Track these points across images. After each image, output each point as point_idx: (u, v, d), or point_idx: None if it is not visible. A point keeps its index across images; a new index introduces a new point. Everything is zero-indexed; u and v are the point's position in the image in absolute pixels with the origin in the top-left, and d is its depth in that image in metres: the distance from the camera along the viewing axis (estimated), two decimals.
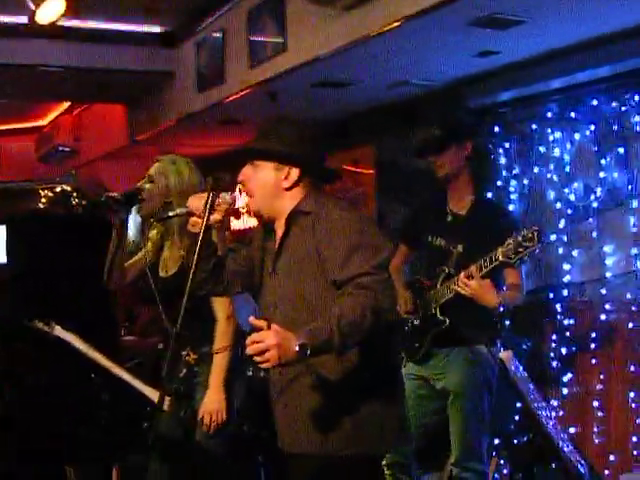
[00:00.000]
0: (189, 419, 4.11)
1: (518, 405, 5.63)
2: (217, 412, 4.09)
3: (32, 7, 5.36)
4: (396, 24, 4.85)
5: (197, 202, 3.29)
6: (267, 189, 3.20)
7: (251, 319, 2.87)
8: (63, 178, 10.53)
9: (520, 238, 4.17)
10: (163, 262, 4.34)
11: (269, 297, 3.28)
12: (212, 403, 4.09)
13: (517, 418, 5.78)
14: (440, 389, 4.65)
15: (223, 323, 4.15)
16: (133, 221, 4.39)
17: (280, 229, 3.25)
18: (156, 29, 7.18)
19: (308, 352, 2.78)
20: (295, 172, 3.19)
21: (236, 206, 3.36)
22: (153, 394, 3.72)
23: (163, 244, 4.35)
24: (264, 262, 3.33)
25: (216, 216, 3.27)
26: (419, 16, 4.68)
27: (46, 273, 6.71)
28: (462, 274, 4.35)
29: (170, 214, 3.48)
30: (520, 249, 4.17)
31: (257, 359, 2.76)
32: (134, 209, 4.14)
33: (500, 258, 4.23)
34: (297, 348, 2.76)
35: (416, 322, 4.71)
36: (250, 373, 5.52)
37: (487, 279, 4.32)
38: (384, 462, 4.21)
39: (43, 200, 9.94)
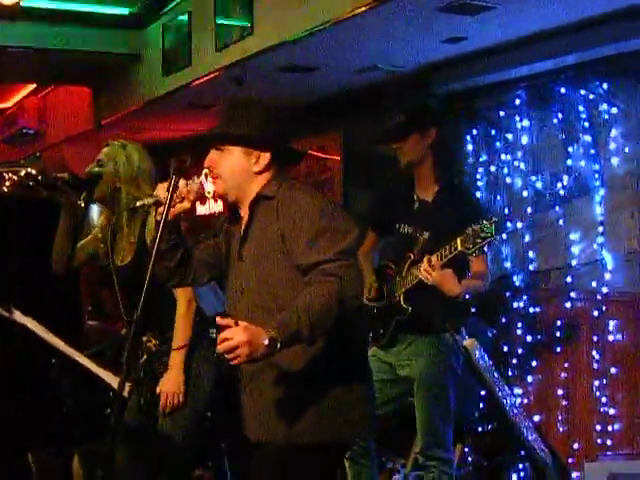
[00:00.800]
0: (151, 405, 4.06)
1: (482, 393, 5.64)
2: (173, 393, 4.04)
3: None
4: (364, 8, 4.81)
5: (164, 192, 3.21)
6: (236, 174, 3.16)
7: (218, 319, 2.85)
8: (28, 161, 10.42)
9: (478, 228, 4.16)
10: (117, 251, 4.25)
11: (236, 283, 3.24)
12: (169, 383, 4.04)
13: (481, 406, 5.79)
14: (404, 376, 4.63)
15: (183, 306, 4.09)
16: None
17: (245, 214, 3.21)
18: (122, 10, 7.10)
19: (278, 346, 2.78)
20: (265, 156, 3.15)
21: (203, 192, 3.30)
22: (113, 380, 3.68)
23: (115, 232, 4.27)
24: (230, 248, 3.30)
25: (185, 204, 3.23)
26: (388, 0, 4.64)
27: (5, 256, 6.63)
28: (424, 262, 4.34)
29: (137, 204, 3.41)
30: (478, 240, 4.16)
31: (228, 356, 2.75)
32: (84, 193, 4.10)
33: (459, 248, 4.22)
34: (266, 342, 2.75)
35: (380, 308, 4.68)
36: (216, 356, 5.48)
37: (448, 268, 4.31)
38: None
39: (7, 183, 9.83)
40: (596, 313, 5.44)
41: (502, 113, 5.97)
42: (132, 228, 4.14)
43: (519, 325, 5.82)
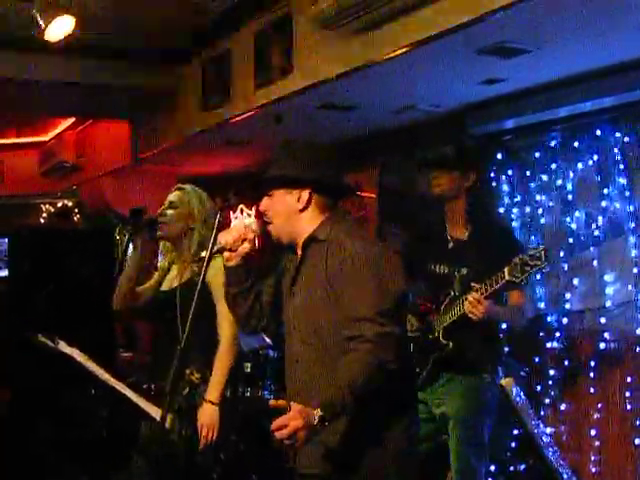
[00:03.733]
0: (190, 437, 4.10)
1: (515, 432, 5.64)
2: (212, 426, 4.09)
3: (42, 24, 5.38)
4: (404, 50, 4.88)
5: (227, 237, 3.33)
6: (283, 215, 3.26)
7: (271, 402, 2.96)
8: (65, 193, 10.57)
9: (526, 257, 4.17)
10: (167, 280, 4.45)
11: (289, 317, 3.33)
12: (206, 416, 4.10)
13: (513, 445, 5.78)
14: (439, 414, 4.64)
15: (228, 342, 4.18)
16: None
17: (299, 251, 3.30)
18: (163, 48, 7.20)
19: (326, 423, 2.88)
20: (305, 193, 3.23)
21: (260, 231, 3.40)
22: (155, 412, 3.73)
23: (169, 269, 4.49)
24: (285, 283, 3.39)
25: (247, 245, 3.34)
26: (427, 42, 4.72)
27: (47, 287, 6.72)
28: (469, 296, 4.34)
29: (202, 254, 3.48)
30: (527, 267, 4.16)
31: (287, 442, 2.84)
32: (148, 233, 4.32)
33: (507, 277, 4.22)
34: (316, 421, 2.85)
35: (416, 346, 4.70)
36: (248, 394, 5.55)
37: (489, 300, 4.32)
38: None
39: (45, 215, 9.98)
40: (630, 354, 5.43)
41: (537, 154, 5.99)
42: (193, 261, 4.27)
43: (552, 365, 5.82)
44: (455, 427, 4.55)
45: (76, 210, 10.06)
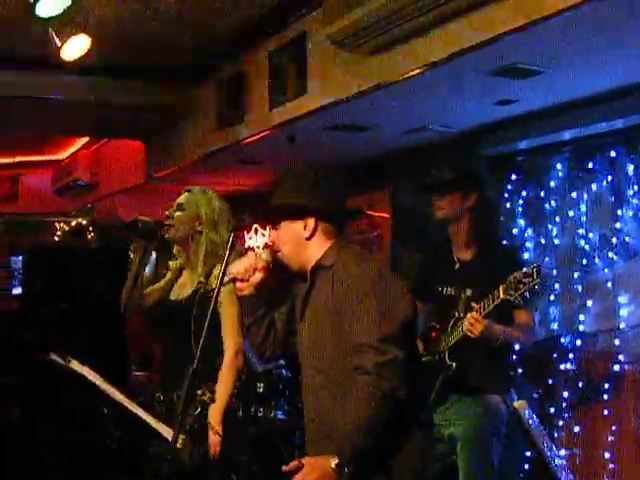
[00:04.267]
0: (201, 457, 4.09)
1: (527, 454, 5.61)
2: (217, 444, 4.08)
3: (58, 43, 5.41)
4: (418, 71, 4.89)
5: (239, 267, 3.34)
6: (290, 243, 3.29)
7: (284, 468, 2.96)
8: (79, 212, 10.61)
9: (520, 275, 4.20)
10: (176, 288, 4.44)
11: (302, 344, 3.35)
12: (210, 437, 4.08)
13: (526, 467, 5.75)
14: (448, 436, 4.63)
15: (231, 358, 4.17)
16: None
17: (308, 279, 3.32)
18: (177, 66, 7.24)
19: (346, 469, 2.88)
20: (311, 221, 3.25)
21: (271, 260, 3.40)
22: (167, 432, 3.72)
23: (183, 268, 4.46)
24: (297, 308, 3.41)
25: (258, 276, 3.33)
26: (441, 64, 4.73)
27: (60, 305, 6.73)
28: (468, 315, 4.37)
29: (214, 286, 3.48)
30: (520, 285, 4.20)
31: None
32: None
33: (501, 296, 4.26)
34: (334, 467, 2.87)
35: (425, 368, 4.69)
36: (260, 414, 5.54)
37: (492, 321, 4.34)
38: None
39: (59, 233, 10.00)
40: None
41: (551, 175, 5.99)
42: (203, 269, 4.27)
43: (565, 387, 5.79)
44: (463, 448, 4.54)
45: (90, 228, 10.09)
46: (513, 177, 6.22)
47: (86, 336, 6.26)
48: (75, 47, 5.54)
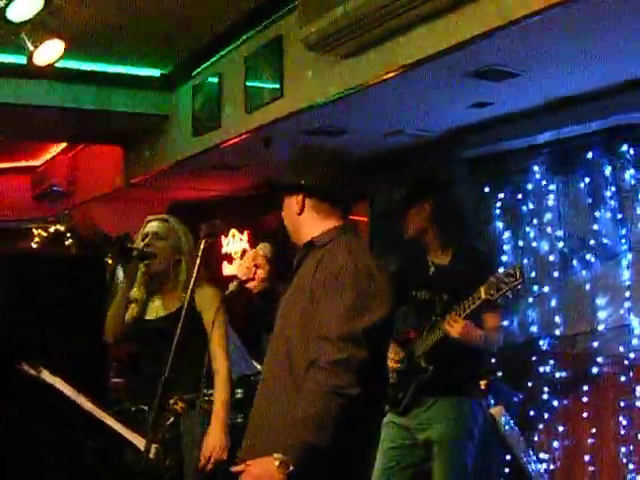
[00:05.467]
0: (175, 467, 4.05)
1: (507, 458, 5.59)
2: (220, 449, 4.07)
3: (30, 48, 5.36)
4: (392, 74, 4.87)
5: (242, 269, 3.38)
6: (287, 218, 3.32)
7: (232, 469, 2.97)
8: (56, 218, 10.54)
9: (502, 275, 4.20)
10: (152, 309, 4.42)
11: (278, 316, 3.27)
12: (215, 440, 4.07)
13: (507, 471, 5.73)
14: (423, 440, 4.60)
15: (224, 373, 4.20)
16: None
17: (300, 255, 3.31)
18: (153, 72, 7.21)
19: (291, 467, 2.83)
20: (299, 197, 3.25)
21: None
22: (139, 442, 3.68)
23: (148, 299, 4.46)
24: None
25: (260, 272, 3.36)
26: (416, 66, 4.71)
27: (35, 313, 6.66)
28: (448, 316, 4.36)
29: (227, 293, 3.46)
30: (502, 285, 4.19)
31: None
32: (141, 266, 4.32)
33: (483, 296, 4.25)
34: (277, 464, 2.82)
35: (400, 373, 4.66)
36: (240, 420, 5.50)
37: (468, 320, 4.34)
38: None
39: (36, 239, 9.89)
40: (623, 378, 5.40)
41: (528, 177, 5.99)
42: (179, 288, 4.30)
43: (545, 390, 5.78)
44: (439, 452, 4.52)
45: (68, 235, 10.02)
46: (490, 180, 6.20)
47: (62, 346, 6.19)
48: (48, 52, 5.49)
